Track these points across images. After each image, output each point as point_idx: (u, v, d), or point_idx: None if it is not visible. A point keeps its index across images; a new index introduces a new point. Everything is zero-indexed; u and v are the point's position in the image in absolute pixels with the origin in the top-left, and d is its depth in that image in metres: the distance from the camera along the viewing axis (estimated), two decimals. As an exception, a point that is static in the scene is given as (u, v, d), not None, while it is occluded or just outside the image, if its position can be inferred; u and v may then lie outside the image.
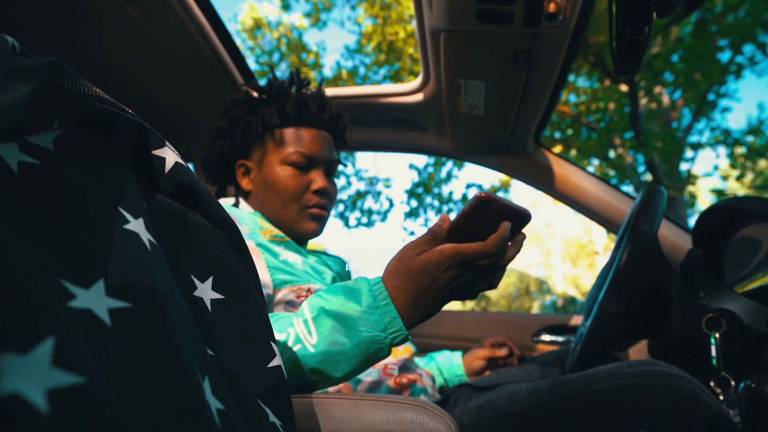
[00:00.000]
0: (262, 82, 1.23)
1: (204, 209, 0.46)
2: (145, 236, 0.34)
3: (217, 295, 0.45)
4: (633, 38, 0.84)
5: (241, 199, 1.04)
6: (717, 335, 0.85)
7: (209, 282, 0.45)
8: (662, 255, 0.97)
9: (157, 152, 0.43)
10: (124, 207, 0.33)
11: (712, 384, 0.84)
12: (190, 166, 1.66)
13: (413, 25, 7.59)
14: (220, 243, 0.47)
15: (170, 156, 0.44)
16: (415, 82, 1.26)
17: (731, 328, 0.86)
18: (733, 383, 0.82)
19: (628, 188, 8.53)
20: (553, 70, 1.06)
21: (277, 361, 0.45)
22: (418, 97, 1.27)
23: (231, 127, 1.04)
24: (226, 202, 1.03)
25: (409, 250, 0.64)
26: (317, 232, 1.05)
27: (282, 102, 1.02)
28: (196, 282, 0.44)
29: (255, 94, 1.06)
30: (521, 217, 0.65)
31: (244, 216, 0.95)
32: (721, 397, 0.82)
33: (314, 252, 1.06)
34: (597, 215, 1.35)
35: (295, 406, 0.62)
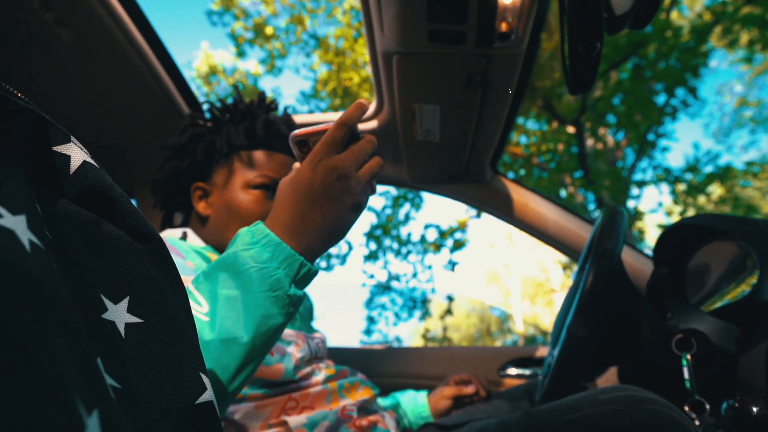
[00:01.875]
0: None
1: (120, 219, 0.39)
2: (26, 236, 0.27)
3: (134, 319, 0.37)
4: (586, 54, 0.84)
5: (189, 231, 0.96)
6: (689, 356, 0.82)
7: (124, 303, 0.37)
8: (627, 277, 0.95)
9: (59, 149, 0.36)
10: (-6, 197, 0.26)
11: (686, 408, 0.80)
12: (133, 202, 1.56)
13: (367, 71, 7.75)
14: (141, 258, 0.40)
15: (77, 154, 0.37)
16: (369, 109, 1.23)
17: (701, 348, 0.83)
18: (707, 407, 0.78)
19: (580, 225, 8.75)
20: (507, 93, 1.05)
21: (207, 396, 0.38)
22: (372, 124, 1.24)
23: (191, 145, 0.97)
24: (171, 234, 0.94)
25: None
26: None
27: (250, 122, 0.96)
28: (107, 303, 0.36)
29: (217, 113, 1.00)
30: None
31: (189, 250, 0.87)
32: (697, 422, 0.78)
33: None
34: (557, 242, 1.33)
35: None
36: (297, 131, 0.62)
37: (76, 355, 0.25)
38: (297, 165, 0.64)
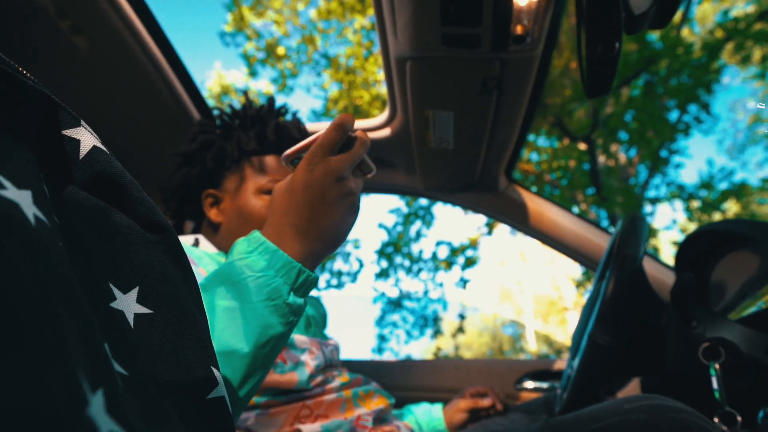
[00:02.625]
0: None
1: (131, 207, 0.38)
2: (31, 210, 0.25)
3: (144, 309, 0.36)
4: (604, 55, 0.82)
5: (201, 237, 0.95)
6: (717, 366, 0.78)
7: (133, 293, 0.36)
8: (649, 284, 0.92)
9: (69, 132, 0.35)
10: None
11: (716, 420, 0.76)
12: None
13: (377, 89, 7.81)
14: (151, 248, 0.38)
15: (87, 138, 0.36)
16: (381, 117, 1.22)
17: (730, 357, 0.80)
18: (739, 418, 0.75)
19: (593, 242, 8.66)
20: (523, 98, 1.04)
21: (219, 392, 0.36)
22: (385, 132, 1.23)
23: (201, 152, 0.96)
24: (184, 241, 0.93)
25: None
26: None
27: (260, 127, 0.96)
28: (116, 292, 0.35)
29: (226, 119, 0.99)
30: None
31: (202, 256, 0.85)
32: (729, 435, 0.74)
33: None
34: (574, 251, 1.30)
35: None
36: (287, 151, 0.61)
37: (82, 333, 0.23)
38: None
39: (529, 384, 1.35)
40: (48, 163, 0.35)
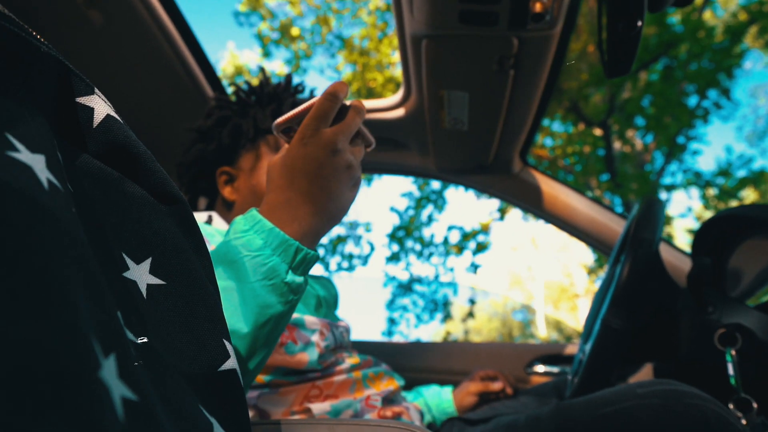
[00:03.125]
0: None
1: (144, 178, 0.38)
2: (44, 174, 0.25)
3: (157, 280, 0.36)
4: (625, 34, 0.80)
5: (215, 215, 0.94)
6: (733, 352, 0.77)
7: (146, 264, 0.36)
8: (664, 269, 0.90)
9: (82, 100, 0.35)
10: (10, 133, 0.24)
11: (731, 406, 0.75)
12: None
13: (391, 71, 7.75)
14: (164, 220, 0.38)
15: (100, 107, 0.36)
16: (396, 97, 1.20)
17: (746, 343, 0.78)
18: (755, 405, 0.74)
19: (606, 229, 8.63)
20: (540, 77, 1.02)
21: (231, 364, 0.36)
22: (399, 112, 1.22)
23: (217, 128, 0.95)
24: (197, 218, 0.93)
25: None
26: None
27: (277, 105, 0.94)
28: (129, 262, 0.35)
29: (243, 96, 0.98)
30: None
31: (214, 234, 0.85)
32: (744, 421, 0.74)
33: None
34: (588, 236, 1.29)
35: (260, 433, 0.52)
36: (279, 119, 0.57)
37: (93, 298, 0.23)
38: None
39: (540, 368, 1.35)
40: (62, 130, 0.34)
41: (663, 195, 8.58)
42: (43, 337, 0.17)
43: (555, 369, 1.34)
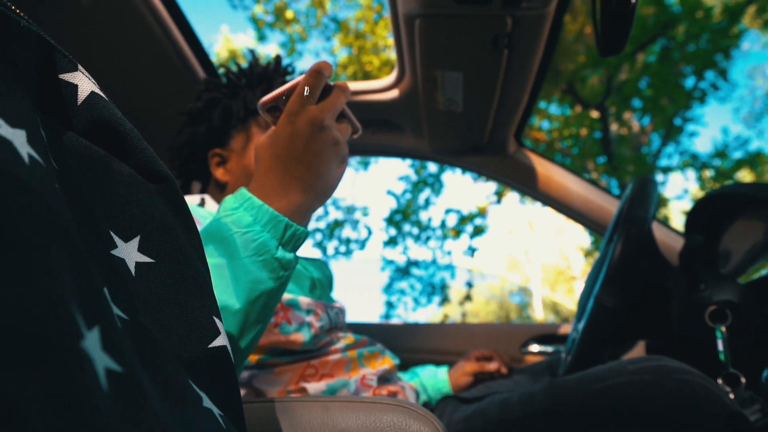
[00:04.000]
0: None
1: (131, 156, 0.38)
2: (24, 149, 0.25)
3: (146, 258, 0.36)
4: (619, 9, 0.79)
5: (207, 197, 0.94)
6: (723, 328, 0.78)
7: (135, 242, 0.36)
8: (657, 247, 0.91)
9: (66, 77, 0.35)
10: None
11: (720, 381, 0.76)
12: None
13: (387, 54, 7.68)
14: (152, 198, 0.38)
15: (84, 83, 0.35)
16: (390, 78, 1.20)
17: (736, 320, 0.79)
18: (743, 380, 0.75)
19: (603, 211, 8.67)
20: (534, 57, 1.01)
21: (221, 341, 0.36)
22: (393, 93, 1.21)
23: (207, 111, 0.95)
24: (189, 201, 0.93)
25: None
26: None
27: (267, 86, 0.94)
28: (117, 240, 0.35)
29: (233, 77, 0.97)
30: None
31: (207, 216, 0.85)
32: (732, 395, 0.75)
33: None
34: (582, 216, 1.29)
35: (256, 410, 0.53)
36: (264, 98, 0.58)
37: (76, 272, 0.23)
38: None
39: (534, 347, 1.36)
40: (46, 107, 0.34)
41: (659, 177, 8.59)
42: (22, 300, 0.17)
43: (549, 348, 1.35)
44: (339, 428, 0.51)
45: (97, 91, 0.36)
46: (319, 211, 8.20)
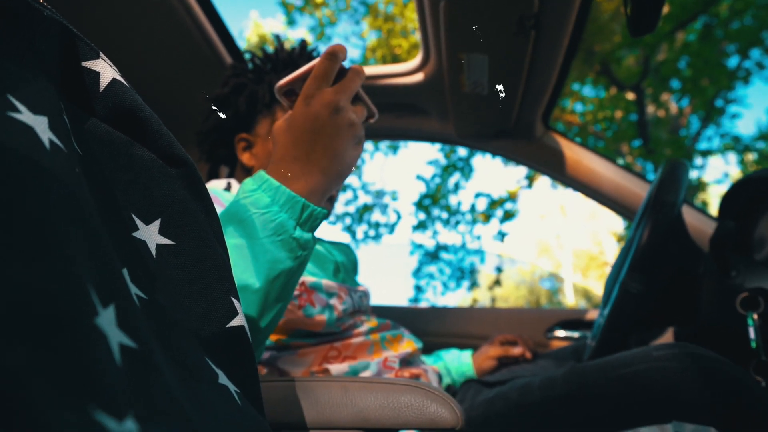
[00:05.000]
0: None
1: (152, 141, 0.39)
2: (46, 135, 0.26)
3: (166, 240, 0.37)
4: (650, -14, 0.77)
5: (233, 181, 0.96)
6: (755, 316, 0.76)
7: (156, 225, 0.37)
8: (687, 232, 0.89)
9: (88, 65, 0.36)
10: (12, 95, 0.25)
11: (751, 371, 0.74)
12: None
13: (417, 37, 7.60)
14: (173, 182, 0.39)
15: (106, 71, 0.36)
16: (415, 61, 1.19)
17: (769, 308, 0.77)
18: (775, 369, 0.73)
19: (638, 196, 8.46)
20: (562, 37, 0.99)
21: (239, 321, 0.37)
22: (418, 77, 1.20)
23: (233, 96, 0.97)
24: (215, 185, 0.95)
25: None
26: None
27: (292, 70, 0.95)
28: (138, 222, 0.36)
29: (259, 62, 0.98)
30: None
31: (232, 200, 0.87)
32: (763, 384, 0.73)
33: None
34: (612, 201, 1.26)
35: (278, 389, 0.54)
36: (281, 82, 0.59)
37: (94, 253, 0.24)
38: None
39: (560, 333, 1.35)
40: (69, 94, 0.35)
41: (698, 160, 8.32)
42: (36, 280, 0.18)
43: (575, 334, 1.33)
44: (358, 408, 0.52)
45: (119, 77, 0.37)
46: (348, 195, 8.23)
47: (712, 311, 0.83)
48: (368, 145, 8.32)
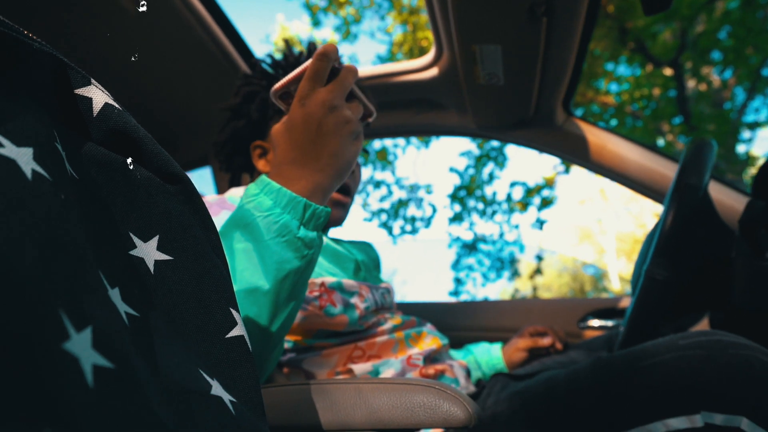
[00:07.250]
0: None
1: (148, 160, 0.40)
2: (29, 166, 0.27)
3: (164, 256, 0.38)
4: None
5: None
6: (790, 299, 0.72)
7: (154, 241, 0.38)
8: (716, 213, 0.85)
9: (80, 91, 0.37)
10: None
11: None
12: (208, 169, 1.61)
13: (442, 27, 7.52)
14: (170, 199, 0.40)
15: (98, 96, 0.38)
16: (428, 57, 1.18)
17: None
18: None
19: (681, 175, 8.17)
20: (576, 22, 0.96)
21: (238, 331, 0.39)
22: (433, 72, 1.19)
23: (245, 104, 0.99)
24: (232, 193, 0.97)
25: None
26: (340, 221, 0.98)
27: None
28: (136, 240, 0.37)
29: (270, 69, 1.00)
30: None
31: None
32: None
33: (334, 239, 0.99)
34: (640, 185, 1.23)
35: (291, 393, 0.55)
36: (275, 86, 0.61)
37: (72, 277, 0.25)
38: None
39: (594, 322, 1.32)
40: (66, 121, 0.37)
41: (746, 134, 7.96)
42: None
43: (609, 323, 1.30)
44: (371, 409, 0.53)
45: (111, 101, 0.38)
46: (383, 191, 8.23)
47: (746, 295, 0.80)
48: (400, 141, 8.30)
